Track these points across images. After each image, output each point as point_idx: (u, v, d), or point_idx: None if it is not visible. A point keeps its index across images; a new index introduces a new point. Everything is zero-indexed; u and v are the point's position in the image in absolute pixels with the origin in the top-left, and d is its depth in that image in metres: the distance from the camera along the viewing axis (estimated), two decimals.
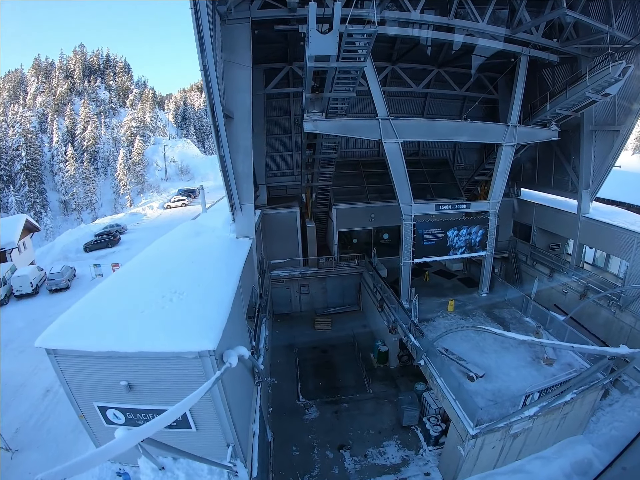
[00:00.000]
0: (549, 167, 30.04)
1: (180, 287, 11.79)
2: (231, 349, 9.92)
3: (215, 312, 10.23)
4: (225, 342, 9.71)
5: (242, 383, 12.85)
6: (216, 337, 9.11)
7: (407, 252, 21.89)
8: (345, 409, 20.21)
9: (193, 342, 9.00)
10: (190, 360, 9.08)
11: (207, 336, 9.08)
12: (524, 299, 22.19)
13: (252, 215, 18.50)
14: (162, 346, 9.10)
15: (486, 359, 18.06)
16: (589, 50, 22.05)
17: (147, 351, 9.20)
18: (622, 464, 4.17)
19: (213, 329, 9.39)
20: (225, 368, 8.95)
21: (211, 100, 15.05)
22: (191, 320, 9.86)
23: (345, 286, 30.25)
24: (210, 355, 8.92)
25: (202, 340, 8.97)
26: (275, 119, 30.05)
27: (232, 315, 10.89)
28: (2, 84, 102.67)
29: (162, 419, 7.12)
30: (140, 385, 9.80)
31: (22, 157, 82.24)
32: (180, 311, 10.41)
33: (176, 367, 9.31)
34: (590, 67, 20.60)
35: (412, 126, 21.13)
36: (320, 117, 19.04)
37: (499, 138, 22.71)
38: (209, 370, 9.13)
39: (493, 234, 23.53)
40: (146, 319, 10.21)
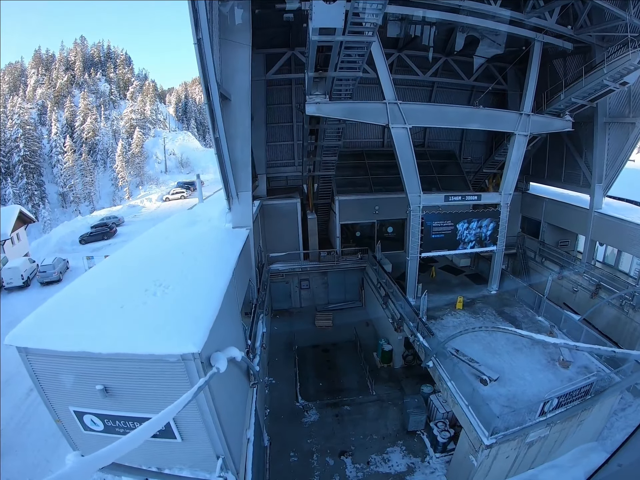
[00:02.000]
0: (560, 161, 29.16)
1: (167, 279, 10.55)
2: (221, 350, 8.70)
3: (203, 309, 8.99)
4: (213, 342, 8.51)
5: (235, 386, 11.67)
6: (202, 338, 7.89)
7: (414, 246, 20.70)
8: (347, 412, 19.13)
9: (175, 343, 7.78)
10: (172, 364, 7.86)
11: (191, 337, 7.86)
12: (536, 297, 21.05)
13: (249, 204, 17.25)
14: (140, 347, 7.89)
15: (499, 360, 16.96)
16: (603, 40, 21.09)
17: (123, 353, 7.99)
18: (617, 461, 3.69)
19: (199, 329, 8.16)
20: (210, 375, 7.76)
21: (205, 78, 13.72)
22: (175, 318, 8.64)
23: (348, 281, 29.22)
24: (194, 358, 7.71)
25: (185, 341, 7.75)
26: (277, 107, 29.07)
27: (223, 312, 9.68)
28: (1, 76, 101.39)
29: (127, 441, 5.82)
30: (118, 390, 8.61)
31: (20, 149, 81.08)
32: (163, 307, 9.18)
33: (157, 371, 8.11)
34: (605, 56, 19.58)
35: (421, 111, 19.93)
36: (324, 99, 17.83)
37: (511, 127, 21.64)
38: (194, 375, 7.93)
39: (504, 227, 22.44)
40: (124, 316, 8.99)
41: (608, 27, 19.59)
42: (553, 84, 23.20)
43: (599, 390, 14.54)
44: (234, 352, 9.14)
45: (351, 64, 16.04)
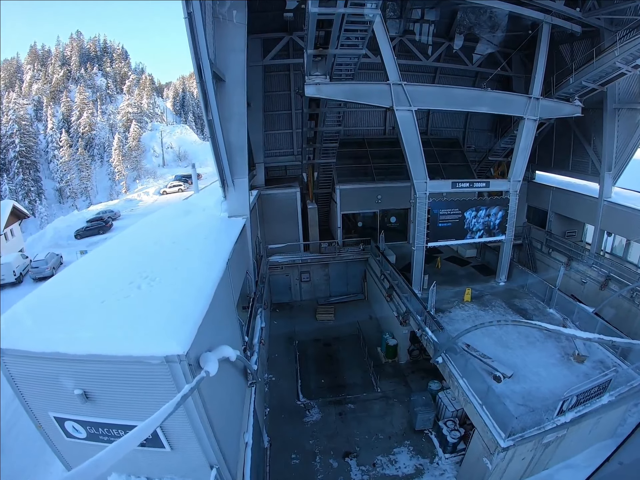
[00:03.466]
0: (567, 149, 28.34)
1: (154, 271, 9.62)
2: (212, 350, 7.76)
3: (191, 304, 8.02)
4: (203, 341, 7.59)
5: (231, 386, 10.74)
6: (189, 337, 6.93)
7: (420, 235, 19.71)
8: (351, 410, 18.21)
9: (157, 343, 6.82)
10: (155, 366, 6.89)
11: (176, 335, 6.90)
12: (547, 288, 20.12)
13: (246, 191, 16.23)
14: (118, 348, 6.93)
15: (511, 355, 16.05)
16: (612, 23, 20.28)
17: (99, 354, 7.02)
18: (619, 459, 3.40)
19: (186, 326, 7.20)
20: (197, 381, 6.78)
21: (197, 55, 12.73)
22: (159, 314, 7.67)
23: (350, 273, 28.32)
24: (180, 360, 6.74)
25: (169, 341, 6.79)
26: (275, 95, 28.13)
27: (216, 307, 8.73)
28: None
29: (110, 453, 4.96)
30: (98, 395, 7.67)
31: (16, 145, 79.98)
32: (147, 302, 8.24)
33: (139, 374, 7.14)
34: (617, 37, 18.77)
35: (427, 93, 18.84)
36: (324, 79, 16.80)
37: (520, 110, 20.70)
38: (180, 379, 6.97)
39: (513, 216, 21.56)
40: (104, 312, 8.06)
41: (617, 9, 18.95)
42: (559, 69, 22.58)
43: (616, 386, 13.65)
44: (227, 351, 8.20)
45: (353, 41, 15.00)
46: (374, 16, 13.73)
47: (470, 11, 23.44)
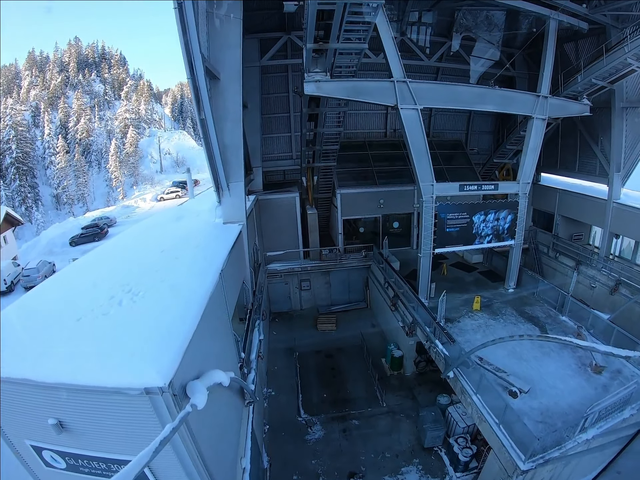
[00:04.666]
0: (573, 149, 27.70)
1: (138, 284, 8.65)
2: (201, 376, 6.77)
3: (177, 322, 7.03)
4: (190, 366, 6.62)
5: (225, 409, 9.73)
6: (172, 365, 5.95)
7: (427, 241, 18.74)
8: (355, 426, 17.15)
9: (135, 373, 5.83)
10: (135, 398, 5.92)
11: (157, 363, 5.91)
12: (559, 294, 19.22)
13: (242, 196, 15.26)
14: (91, 377, 5.96)
15: (526, 367, 15.12)
16: (618, 20, 20.04)
17: (68, 383, 6.05)
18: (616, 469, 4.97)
19: (169, 351, 6.21)
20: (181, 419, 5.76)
21: (188, 49, 11.81)
22: (139, 337, 6.67)
23: (351, 281, 27.30)
24: (162, 392, 5.76)
25: (149, 370, 5.80)
26: (272, 97, 27.35)
27: (206, 324, 7.76)
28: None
29: None
30: (75, 425, 6.68)
31: (12, 151, 79.19)
32: (127, 321, 7.25)
33: (118, 405, 6.15)
34: (628, 33, 18.38)
35: (433, 90, 17.98)
36: (325, 77, 15.91)
37: (528, 109, 19.99)
38: (163, 412, 5.99)
39: (523, 219, 20.82)
40: (79, 332, 7.10)
41: (623, 5, 18.73)
42: (564, 68, 22.01)
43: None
44: (219, 376, 7.19)
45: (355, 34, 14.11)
46: (378, 6, 12.79)
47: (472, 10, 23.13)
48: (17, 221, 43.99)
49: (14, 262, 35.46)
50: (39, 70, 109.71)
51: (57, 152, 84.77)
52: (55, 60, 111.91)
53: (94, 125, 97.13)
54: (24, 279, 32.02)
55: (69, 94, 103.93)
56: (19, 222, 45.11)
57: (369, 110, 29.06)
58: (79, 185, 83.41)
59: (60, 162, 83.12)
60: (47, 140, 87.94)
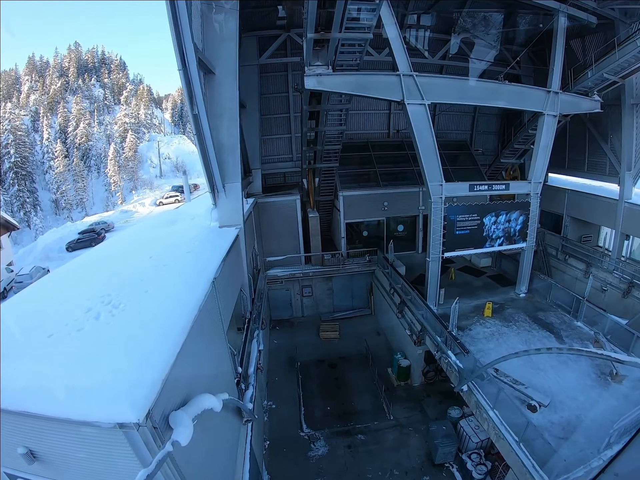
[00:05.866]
0: (582, 148, 26.89)
1: (120, 295, 7.72)
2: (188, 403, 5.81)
3: (160, 342, 6.02)
4: (174, 392, 5.68)
5: (220, 431, 8.76)
6: (149, 395, 4.99)
7: (435, 244, 17.77)
8: (361, 441, 16.17)
9: (106, 404, 4.89)
10: (107, 430, 4.97)
11: (131, 394, 4.93)
12: (574, 299, 18.33)
13: (239, 197, 14.29)
14: (56, 406, 5.03)
15: (543, 378, 14.20)
16: (626, 15, 19.47)
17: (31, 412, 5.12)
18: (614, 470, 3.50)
19: (147, 377, 5.22)
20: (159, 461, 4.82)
21: (179, 38, 10.95)
22: (113, 359, 5.68)
23: (355, 286, 26.41)
24: (138, 427, 4.80)
25: (121, 402, 4.84)
26: (272, 97, 26.62)
27: (195, 341, 6.82)
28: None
29: None
30: (48, 456, 5.77)
31: (11, 155, 78.55)
32: (102, 339, 6.26)
33: (89, 438, 5.21)
34: (628, 33, 18.31)
35: (441, 85, 17.09)
36: (326, 70, 14.99)
37: (539, 105, 19.22)
38: (140, 447, 5.05)
39: (535, 221, 19.92)
40: (48, 350, 6.18)
41: None
42: (571, 65, 21.12)
43: None
44: (209, 401, 6.23)
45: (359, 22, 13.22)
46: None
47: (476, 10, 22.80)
48: (12, 226, 42.99)
49: (8, 267, 34.46)
50: (39, 75, 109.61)
51: (56, 156, 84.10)
52: (55, 65, 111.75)
53: (93, 130, 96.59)
54: (16, 286, 31.09)
55: (68, 98, 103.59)
56: (15, 227, 44.08)
57: (371, 111, 28.45)
58: (77, 190, 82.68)
59: (58, 167, 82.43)
60: (46, 144, 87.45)
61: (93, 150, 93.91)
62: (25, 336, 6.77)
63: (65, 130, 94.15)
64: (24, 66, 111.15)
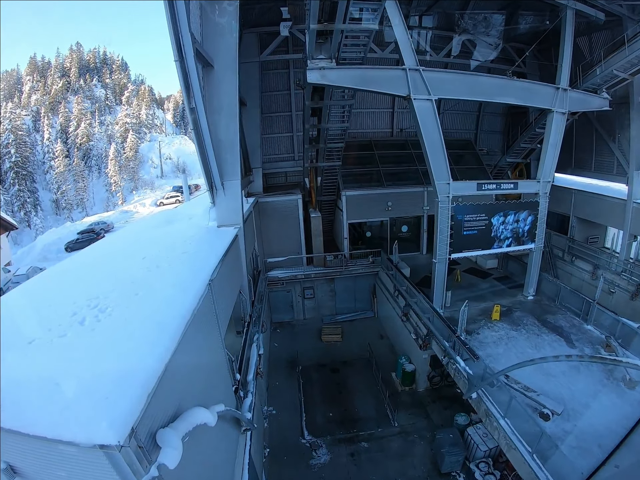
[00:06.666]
0: (589, 148, 26.47)
1: (108, 298, 7.18)
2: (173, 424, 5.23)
3: (147, 350, 5.48)
4: (162, 407, 5.12)
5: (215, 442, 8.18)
6: (132, 412, 4.43)
7: (442, 245, 17.20)
8: (365, 449, 15.58)
9: (84, 422, 4.34)
10: (87, 450, 4.41)
11: (111, 413, 4.38)
12: (584, 302, 17.76)
13: (238, 196, 13.76)
14: (30, 423, 4.49)
15: (555, 385, 13.60)
16: (634, 11, 18.95)
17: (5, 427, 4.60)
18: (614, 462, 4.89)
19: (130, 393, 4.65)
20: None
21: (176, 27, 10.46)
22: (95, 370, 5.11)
23: (358, 288, 25.79)
24: (120, 448, 4.25)
25: (100, 422, 4.28)
26: (273, 95, 26.02)
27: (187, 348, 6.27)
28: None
29: None
30: (28, 472, 5.22)
31: (11, 155, 78.23)
32: (84, 347, 5.72)
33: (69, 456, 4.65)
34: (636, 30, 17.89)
35: (448, 80, 16.50)
36: (330, 63, 14.46)
37: (548, 102, 18.66)
38: (124, 468, 4.48)
39: (543, 221, 19.35)
40: (28, 357, 5.65)
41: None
42: (577, 63, 20.71)
43: None
44: (201, 416, 5.67)
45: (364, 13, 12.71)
46: None
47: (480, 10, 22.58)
48: (11, 226, 42.54)
49: (5, 268, 34.01)
50: (41, 75, 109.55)
51: (56, 156, 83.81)
52: (57, 66, 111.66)
53: (94, 130, 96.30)
54: (12, 287, 30.57)
55: (70, 98, 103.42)
56: (13, 227, 43.64)
57: (374, 109, 27.93)
58: (78, 190, 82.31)
59: (59, 167, 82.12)
60: (47, 144, 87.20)
61: (94, 150, 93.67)
62: (7, 340, 6.23)
63: (66, 130, 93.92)
64: (26, 66, 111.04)
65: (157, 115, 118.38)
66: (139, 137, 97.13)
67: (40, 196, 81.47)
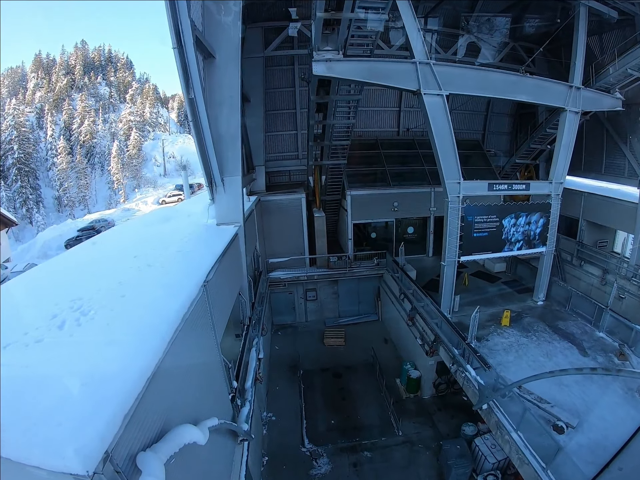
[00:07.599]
0: (599, 149, 25.89)
1: (92, 300, 6.54)
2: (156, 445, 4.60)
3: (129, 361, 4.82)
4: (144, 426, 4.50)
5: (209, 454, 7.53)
6: (105, 436, 3.79)
7: (451, 247, 16.56)
8: (368, 459, 14.96)
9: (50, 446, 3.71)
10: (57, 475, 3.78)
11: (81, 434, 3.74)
12: (596, 308, 17.16)
13: (238, 193, 13.13)
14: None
15: (568, 395, 12.98)
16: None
17: None
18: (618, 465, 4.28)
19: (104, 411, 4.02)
20: None
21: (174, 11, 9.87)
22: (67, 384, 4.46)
23: (362, 291, 25.23)
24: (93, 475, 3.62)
25: (66, 445, 3.65)
26: (277, 92, 25.51)
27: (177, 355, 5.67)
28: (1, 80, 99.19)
29: None
30: None
31: (14, 151, 77.98)
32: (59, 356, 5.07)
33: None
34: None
35: (460, 75, 15.90)
36: (337, 55, 13.86)
37: (561, 101, 18.15)
38: None
39: (555, 224, 18.77)
40: None
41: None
42: (588, 63, 20.16)
43: None
44: (190, 434, 5.03)
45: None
46: None
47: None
48: (10, 222, 42.02)
49: (3, 264, 33.46)
50: (45, 72, 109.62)
51: (59, 153, 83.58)
52: (62, 63, 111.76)
53: (98, 128, 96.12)
54: None
55: (74, 96, 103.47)
56: (13, 222, 43.13)
57: (380, 108, 27.43)
58: (80, 188, 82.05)
59: (61, 164, 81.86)
60: (50, 141, 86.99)
61: (97, 148, 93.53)
62: None
63: (70, 128, 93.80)
64: (31, 63, 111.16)
65: (161, 114, 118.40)
66: (142, 135, 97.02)
67: (42, 193, 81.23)
